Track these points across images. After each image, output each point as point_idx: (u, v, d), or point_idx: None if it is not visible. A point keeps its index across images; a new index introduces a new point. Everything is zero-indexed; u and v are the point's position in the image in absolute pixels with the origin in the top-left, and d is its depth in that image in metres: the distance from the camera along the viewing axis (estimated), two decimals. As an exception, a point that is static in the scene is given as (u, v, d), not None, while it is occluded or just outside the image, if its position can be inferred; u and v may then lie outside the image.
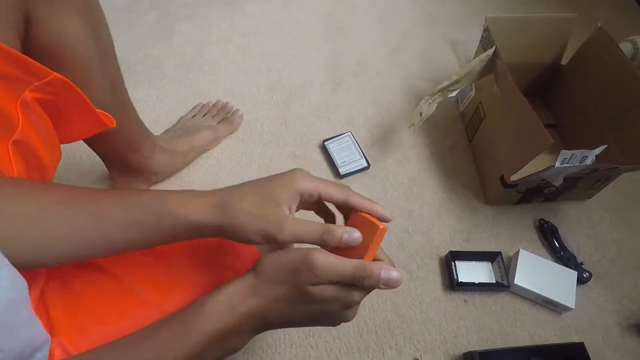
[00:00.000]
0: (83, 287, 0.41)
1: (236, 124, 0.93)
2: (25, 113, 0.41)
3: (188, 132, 0.86)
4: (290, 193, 0.37)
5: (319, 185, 0.39)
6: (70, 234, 0.35)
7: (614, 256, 0.82)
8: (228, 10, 1.19)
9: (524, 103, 0.72)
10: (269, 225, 0.35)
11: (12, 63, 0.39)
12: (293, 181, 0.38)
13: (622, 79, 0.78)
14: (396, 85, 1.06)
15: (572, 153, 0.65)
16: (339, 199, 0.39)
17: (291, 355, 0.68)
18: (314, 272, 0.34)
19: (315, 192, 0.38)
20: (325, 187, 0.39)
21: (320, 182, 0.39)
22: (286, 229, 0.35)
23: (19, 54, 0.39)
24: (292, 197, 0.37)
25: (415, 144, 0.95)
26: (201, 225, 0.37)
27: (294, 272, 0.35)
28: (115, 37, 0.62)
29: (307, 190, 0.38)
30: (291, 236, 0.35)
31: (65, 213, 0.35)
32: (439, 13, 1.25)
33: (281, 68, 1.06)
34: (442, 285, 0.76)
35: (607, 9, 1.30)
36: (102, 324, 0.39)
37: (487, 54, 0.79)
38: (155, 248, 0.45)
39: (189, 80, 1.02)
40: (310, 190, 0.38)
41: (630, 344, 0.73)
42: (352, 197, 0.39)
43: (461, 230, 0.83)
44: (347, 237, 0.36)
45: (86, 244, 0.36)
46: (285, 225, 0.35)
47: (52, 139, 0.47)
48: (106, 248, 0.37)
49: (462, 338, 0.71)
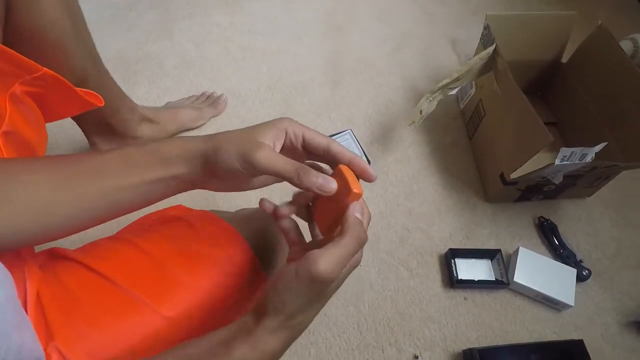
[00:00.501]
0: (78, 290, 0.41)
1: (220, 107, 0.96)
2: (15, 103, 0.42)
3: (172, 107, 0.90)
4: (275, 129, 0.37)
5: (305, 128, 0.39)
6: (76, 194, 0.36)
7: (613, 254, 0.82)
8: (228, 9, 1.19)
9: (524, 101, 0.72)
10: (247, 147, 0.35)
11: (3, 58, 0.40)
12: (279, 121, 0.38)
13: (622, 77, 0.78)
14: (396, 83, 1.06)
15: (572, 151, 0.65)
16: (321, 143, 0.38)
17: (291, 352, 0.68)
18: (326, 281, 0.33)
19: (300, 132, 0.38)
20: (311, 131, 0.39)
21: (307, 127, 0.39)
22: (263, 152, 0.35)
23: (9, 50, 0.40)
24: (276, 133, 0.37)
25: (415, 142, 0.95)
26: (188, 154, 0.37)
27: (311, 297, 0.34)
28: (115, 35, 0.63)
29: (292, 129, 0.38)
30: (266, 161, 0.35)
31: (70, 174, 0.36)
32: (439, 11, 1.25)
33: (282, 66, 1.06)
34: (442, 282, 0.77)
35: (607, 6, 1.29)
36: (97, 329, 0.40)
37: (488, 52, 0.79)
38: (150, 251, 0.45)
39: (190, 78, 1.02)
40: (295, 130, 0.38)
41: (629, 341, 0.73)
42: (334, 145, 0.38)
43: (461, 228, 0.83)
44: (322, 182, 0.35)
45: (91, 201, 0.36)
46: (262, 149, 0.35)
47: (40, 123, 0.48)
48: (112, 204, 0.37)
49: (461, 335, 0.72)
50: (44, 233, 0.36)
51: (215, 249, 0.48)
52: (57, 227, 0.36)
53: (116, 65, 1.00)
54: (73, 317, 0.40)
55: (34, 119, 0.47)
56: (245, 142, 0.36)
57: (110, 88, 0.72)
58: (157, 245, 0.46)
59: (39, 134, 0.48)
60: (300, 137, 0.38)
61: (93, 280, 0.42)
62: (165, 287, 0.44)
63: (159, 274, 0.45)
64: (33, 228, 0.34)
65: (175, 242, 0.47)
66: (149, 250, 0.45)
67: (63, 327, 0.39)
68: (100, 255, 0.45)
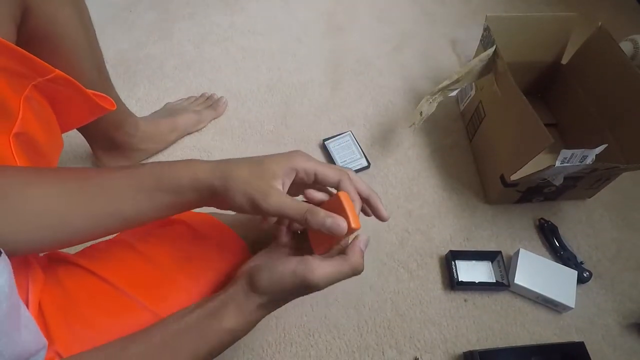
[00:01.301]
0: (78, 293, 0.41)
1: (220, 110, 0.95)
2: (29, 105, 0.43)
3: (171, 114, 0.89)
4: (285, 168, 0.37)
5: (317, 165, 0.38)
6: (87, 210, 0.36)
7: (614, 255, 0.82)
8: (228, 9, 1.19)
9: (524, 102, 0.72)
10: (255, 192, 0.35)
11: (17, 60, 0.41)
12: (290, 158, 0.38)
13: (623, 78, 0.78)
14: (396, 85, 1.05)
15: (573, 152, 0.65)
16: (333, 180, 0.39)
17: (291, 354, 0.68)
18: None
19: (312, 170, 0.38)
20: (323, 167, 0.39)
21: (319, 163, 0.39)
22: (271, 198, 0.35)
23: (24, 52, 0.41)
24: (286, 172, 0.37)
25: (415, 143, 0.95)
26: (198, 184, 0.37)
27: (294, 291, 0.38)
28: (115, 36, 0.63)
29: (303, 168, 0.38)
30: (275, 207, 0.35)
31: (81, 190, 0.36)
32: (439, 12, 1.25)
33: (281, 67, 1.06)
34: (442, 284, 0.76)
35: (607, 8, 1.29)
36: (96, 331, 0.40)
37: (488, 53, 0.79)
38: (150, 254, 0.45)
39: (190, 79, 1.02)
40: (307, 168, 0.38)
41: (630, 343, 0.73)
42: (345, 183, 0.39)
43: (461, 230, 0.83)
44: (331, 223, 0.35)
45: (101, 217, 0.37)
46: (271, 195, 0.35)
47: (54, 128, 0.49)
48: (120, 220, 0.38)
49: (462, 337, 0.71)
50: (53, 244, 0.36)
51: (214, 252, 0.48)
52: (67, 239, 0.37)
53: (116, 65, 1.00)
54: (72, 321, 0.40)
55: (47, 122, 0.47)
56: (254, 186, 0.36)
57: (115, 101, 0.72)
58: (157, 248, 0.46)
59: (52, 137, 0.48)
60: (312, 175, 0.39)
61: (93, 283, 0.42)
62: (164, 290, 0.44)
63: (158, 277, 0.45)
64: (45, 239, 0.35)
65: (175, 245, 0.47)
66: (149, 254, 0.45)
67: (62, 330, 0.39)
68: (100, 259, 0.45)
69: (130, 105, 0.81)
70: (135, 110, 0.80)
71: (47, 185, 0.35)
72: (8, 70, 0.41)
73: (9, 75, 0.41)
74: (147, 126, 0.81)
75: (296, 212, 0.36)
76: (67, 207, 0.35)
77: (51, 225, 0.35)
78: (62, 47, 0.55)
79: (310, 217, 0.35)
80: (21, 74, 0.42)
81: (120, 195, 0.37)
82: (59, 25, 0.53)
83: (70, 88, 0.46)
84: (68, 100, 0.47)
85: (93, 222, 0.37)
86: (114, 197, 0.37)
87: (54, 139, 0.49)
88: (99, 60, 0.65)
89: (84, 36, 0.58)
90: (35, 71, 0.43)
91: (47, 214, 0.34)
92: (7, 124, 0.41)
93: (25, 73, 0.42)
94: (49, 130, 0.48)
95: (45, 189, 0.35)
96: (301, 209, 0.36)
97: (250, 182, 0.36)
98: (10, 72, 0.41)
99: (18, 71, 0.42)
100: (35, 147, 0.45)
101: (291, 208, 0.36)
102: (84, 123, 0.53)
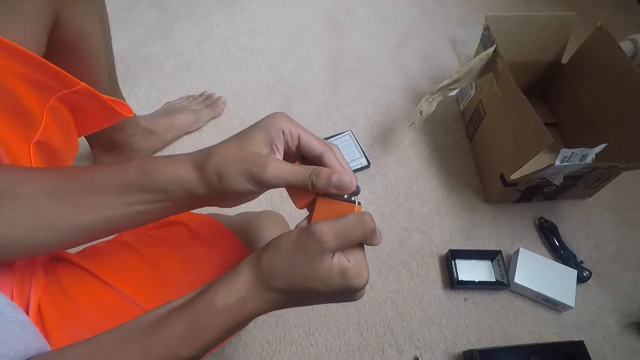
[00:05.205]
0: (77, 294, 0.41)
1: (219, 109, 0.96)
2: (52, 114, 0.44)
3: (170, 113, 0.90)
4: (272, 130, 0.35)
5: (301, 129, 0.36)
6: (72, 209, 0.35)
7: (613, 255, 0.82)
8: (228, 9, 1.19)
9: (524, 102, 0.72)
10: (252, 165, 0.33)
11: (45, 72, 0.42)
12: (274, 120, 0.35)
13: (623, 78, 0.78)
14: (396, 84, 1.06)
15: (572, 152, 0.65)
16: (316, 150, 0.36)
17: (291, 354, 0.68)
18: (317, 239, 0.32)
19: (296, 132, 0.36)
20: (307, 133, 0.36)
21: (303, 127, 0.37)
22: (271, 167, 0.33)
23: (51, 65, 0.42)
24: (274, 134, 0.35)
25: (415, 143, 0.95)
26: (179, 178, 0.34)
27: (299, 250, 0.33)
28: (115, 35, 0.64)
29: (288, 127, 0.35)
30: (275, 176, 0.33)
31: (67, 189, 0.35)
32: (439, 12, 1.25)
33: (281, 67, 1.06)
34: (442, 283, 0.77)
35: (607, 7, 1.29)
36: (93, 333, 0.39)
37: (488, 53, 0.79)
38: (149, 255, 0.45)
39: (190, 78, 1.02)
40: (292, 129, 0.36)
41: (630, 342, 0.73)
42: (329, 156, 0.36)
43: (461, 229, 0.83)
44: (337, 179, 0.33)
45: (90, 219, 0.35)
46: (269, 164, 0.33)
47: (72, 135, 0.50)
48: (109, 222, 0.36)
49: (462, 336, 0.71)
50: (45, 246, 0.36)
51: (214, 253, 0.48)
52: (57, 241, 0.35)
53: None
54: (70, 322, 0.40)
55: (67, 129, 0.48)
56: (247, 160, 0.33)
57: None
58: (156, 249, 0.46)
59: (70, 143, 0.49)
60: (296, 138, 0.36)
61: (92, 285, 0.42)
62: (163, 292, 0.44)
63: (157, 278, 0.45)
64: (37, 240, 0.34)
65: (174, 246, 0.47)
66: (148, 254, 0.45)
67: (60, 332, 0.39)
68: (101, 259, 0.45)
69: (130, 104, 0.80)
70: (136, 110, 0.81)
71: (39, 183, 0.34)
72: (35, 82, 0.41)
73: (36, 86, 0.42)
74: (146, 125, 0.82)
75: (300, 176, 0.33)
76: (53, 207, 0.34)
77: (40, 226, 0.34)
78: (84, 54, 0.56)
79: (315, 179, 0.33)
80: (48, 86, 0.43)
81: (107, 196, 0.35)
82: (86, 34, 0.55)
83: (91, 98, 0.47)
84: (88, 108, 0.48)
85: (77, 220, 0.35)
86: (100, 198, 0.35)
87: (71, 145, 0.50)
88: (111, 65, 0.67)
89: (104, 43, 0.61)
90: (62, 83, 0.43)
91: (37, 215, 0.33)
92: (29, 132, 0.42)
93: (51, 85, 0.43)
94: (67, 138, 0.48)
95: (37, 187, 0.34)
96: (304, 172, 0.34)
97: (242, 157, 0.33)
98: (37, 83, 0.42)
99: (45, 83, 0.42)
100: (53, 153, 0.45)
101: (293, 173, 0.33)
102: (100, 128, 0.53)
